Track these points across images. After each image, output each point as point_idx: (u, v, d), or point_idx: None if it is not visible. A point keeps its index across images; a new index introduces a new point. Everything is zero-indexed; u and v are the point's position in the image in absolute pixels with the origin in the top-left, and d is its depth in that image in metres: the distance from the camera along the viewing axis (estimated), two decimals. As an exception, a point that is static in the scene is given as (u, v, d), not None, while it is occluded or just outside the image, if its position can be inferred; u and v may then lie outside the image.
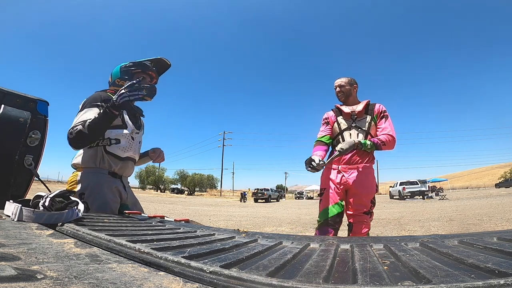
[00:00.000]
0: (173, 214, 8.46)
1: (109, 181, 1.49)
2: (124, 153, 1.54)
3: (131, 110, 1.64)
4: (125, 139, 1.53)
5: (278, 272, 0.46)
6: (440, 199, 17.22)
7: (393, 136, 1.81)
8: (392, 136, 1.80)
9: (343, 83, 1.98)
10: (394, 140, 1.81)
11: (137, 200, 1.71)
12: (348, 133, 1.91)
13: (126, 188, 1.62)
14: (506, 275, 0.37)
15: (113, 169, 1.52)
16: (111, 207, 1.47)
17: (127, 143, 1.54)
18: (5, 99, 1.42)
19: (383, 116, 1.88)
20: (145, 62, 1.66)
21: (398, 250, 0.60)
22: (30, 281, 0.34)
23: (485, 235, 0.71)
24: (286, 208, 14.59)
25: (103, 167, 1.49)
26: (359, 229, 1.76)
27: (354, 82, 1.99)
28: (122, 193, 1.57)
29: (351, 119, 1.92)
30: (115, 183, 1.53)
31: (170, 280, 0.41)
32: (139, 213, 1.45)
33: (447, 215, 7.12)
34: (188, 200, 21.49)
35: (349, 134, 1.91)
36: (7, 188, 1.39)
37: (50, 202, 0.86)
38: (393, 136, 1.81)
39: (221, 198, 30.78)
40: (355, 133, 1.89)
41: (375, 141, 1.77)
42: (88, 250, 0.56)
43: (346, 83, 1.97)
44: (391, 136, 1.80)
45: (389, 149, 1.82)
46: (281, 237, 0.80)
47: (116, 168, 1.53)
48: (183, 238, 0.74)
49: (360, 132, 1.88)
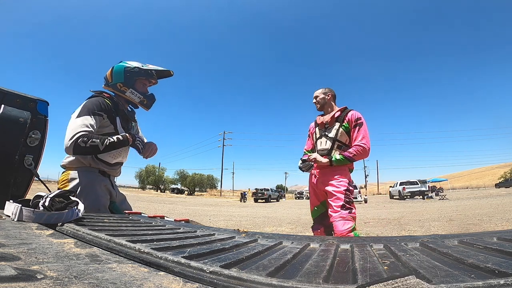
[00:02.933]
0: (173, 214, 8.46)
1: (99, 179, 1.53)
2: (114, 159, 1.58)
3: (124, 116, 1.64)
4: None
5: (278, 272, 0.46)
6: (440, 199, 17.22)
7: (364, 146, 1.90)
8: (362, 147, 1.90)
9: (318, 93, 2.16)
10: (364, 150, 1.90)
11: (125, 198, 1.74)
12: (320, 141, 2.10)
13: (114, 186, 1.65)
14: (506, 275, 0.37)
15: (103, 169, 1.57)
16: (103, 204, 1.51)
17: (117, 151, 1.55)
18: (5, 99, 1.42)
19: (356, 125, 1.96)
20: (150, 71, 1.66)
21: (398, 250, 0.60)
22: (30, 281, 0.34)
23: (485, 235, 0.71)
24: (286, 208, 14.59)
25: (94, 166, 1.53)
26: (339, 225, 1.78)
27: (329, 91, 2.15)
28: (111, 191, 1.61)
29: (324, 128, 2.10)
30: (105, 181, 1.57)
31: (170, 280, 0.41)
32: (139, 213, 1.45)
33: (447, 215, 7.12)
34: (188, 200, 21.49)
35: (320, 142, 2.09)
36: (7, 188, 1.39)
37: (50, 202, 0.86)
38: (363, 146, 1.90)
39: (221, 198, 30.79)
40: (324, 141, 2.06)
41: (345, 155, 1.91)
42: (88, 250, 0.56)
43: (320, 93, 2.15)
44: (361, 147, 1.90)
45: (362, 158, 1.97)
46: (281, 237, 0.80)
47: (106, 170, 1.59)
48: (183, 238, 0.74)
49: (328, 139, 2.03)
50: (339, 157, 1.91)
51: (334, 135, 2.01)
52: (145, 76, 1.64)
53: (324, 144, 2.04)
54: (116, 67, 1.63)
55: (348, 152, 1.91)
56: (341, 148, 1.99)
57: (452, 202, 13.74)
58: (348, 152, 1.92)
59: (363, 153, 1.91)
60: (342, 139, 1.99)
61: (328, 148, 2.02)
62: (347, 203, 1.85)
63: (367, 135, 1.93)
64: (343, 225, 1.77)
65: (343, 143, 1.99)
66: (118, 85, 1.61)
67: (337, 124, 2.01)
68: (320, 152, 2.05)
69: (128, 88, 1.62)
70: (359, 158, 1.92)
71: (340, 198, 1.86)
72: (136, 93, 1.64)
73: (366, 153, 1.91)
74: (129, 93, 1.62)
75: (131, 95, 1.63)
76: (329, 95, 2.13)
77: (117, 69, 1.62)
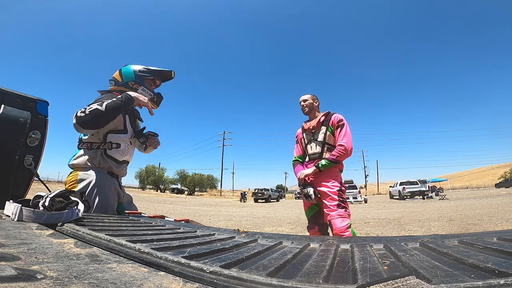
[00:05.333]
0: (173, 214, 8.46)
1: (109, 180, 1.52)
2: (122, 157, 1.59)
3: (132, 114, 1.68)
4: (124, 143, 1.58)
5: (278, 272, 0.46)
6: (440, 199, 17.21)
7: (345, 145, 2.00)
8: (344, 146, 2.00)
9: (307, 97, 2.25)
10: (346, 149, 2.00)
11: (131, 199, 1.74)
12: (310, 146, 2.19)
13: (121, 187, 1.66)
14: (506, 275, 0.37)
15: (112, 169, 1.56)
16: (112, 206, 1.50)
17: (126, 148, 1.59)
18: (5, 99, 1.42)
19: (339, 126, 2.07)
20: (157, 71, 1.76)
21: (398, 250, 0.60)
22: (30, 281, 0.34)
23: (485, 235, 0.71)
24: (286, 208, 14.59)
25: (103, 167, 1.52)
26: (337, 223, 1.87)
27: (316, 98, 2.27)
28: (120, 192, 1.61)
29: (311, 133, 2.19)
30: (114, 182, 1.56)
31: (170, 280, 0.41)
32: (139, 213, 1.45)
33: (447, 215, 7.12)
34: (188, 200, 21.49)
35: (310, 147, 2.18)
36: (7, 188, 1.39)
37: (50, 202, 0.86)
38: (345, 146, 2.00)
39: (221, 198, 30.79)
40: (314, 145, 2.15)
41: (329, 158, 2.01)
42: (88, 250, 0.56)
43: (309, 98, 2.25)
44: (342, 147, 2.00)
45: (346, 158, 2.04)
46: (281, 237, 0.80)
47: (114, 169, 1.57)
48: (183, 238, 0.74)
49: (318, 144, 2.13)
50: (324, 162, 2.01)
51: (322, 139, 2.11)
52: (153, 75, 1.73)
53: (315, 148, 2.15)
54: (124, 69, 1.69)
55: (331, 155, 2.02)
56: (330, 150, 2.08)
57: (452, 202, 13.74)
58: (331, 155, 2.03)
59: (345, 153, 2.00)
60: (330, 141, 2.10)
61: (318, 151, 2.12)
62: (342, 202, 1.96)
63: (348, 135, 2.04)
64: (341, 222, 1.87)
65: (331, 145, 2.10)
66: (130, 83, 1.66)
67: (324, 128, 2.12)
68: (311, 156, 2.16)
69: (140, 86, 1.68)
70: (343, 158, 2.02)
71: (334, 198, 1.96)
72: (147, 91, 1.71)
73: (347, 152, 2.01)
74: (141, 90, 1.68)
75: (143, 93, 1.69)
76: (317, 102, 2.26)
77: (126, 70, 1.68)
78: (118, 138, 1.55)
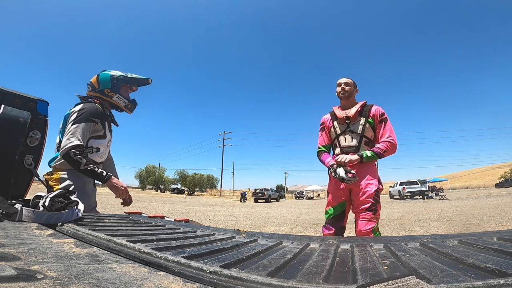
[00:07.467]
0: (173, 214, 8.46)
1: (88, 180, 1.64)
2: (100, 159, 1.71)
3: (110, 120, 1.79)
4: (103, 147, 1.70)
5: (278, 272, 0.46)
6: (440, 199, 17.21)
7: (393, 142, 1.85)
8: (392, 143, 1.85)
9: (348, 81, 2.00)
10: (394, 146, 1.85)
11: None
12: (343, 138, 1.97)
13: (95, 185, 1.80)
14: (506, 275, 0.37)
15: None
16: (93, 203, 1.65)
17: (104, 151, 1.73)
18: (5, 99, 1.42)
19: (382, 120, 1.89)
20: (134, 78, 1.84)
21: (398, 250, 0.60)
22: (30, 281, 0.34)
23: (485, 235, 0.71)
24: (286, 208, 14.59)
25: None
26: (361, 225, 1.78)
27: (356, 85, 2.04)
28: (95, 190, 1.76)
29: (345, 123, 1.96)
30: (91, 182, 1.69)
31: (170, 280, 0.41)
32: (139, 213, 1.45)
33: (447, 215, 7.12)
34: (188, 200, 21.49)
35: (344, 139, 1.96)
36: (7, 188, 1.39)
37: (50, 202, 0.86)
38: (393, 142, 1.85)
39: (221, 198, 30.79)
40: (349, 137, 1.94)
41: (375, 151, 1.84)
42: (88, 250, 0.56)
43: (351, 83, 2.00)
44: (390, 143, 1.84)
45: (390, 154, 1.87)
46: (281, 237, 0.80)
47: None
48: (183, 238, 0.74)
49: (354, 136, 1.93)
50: (370, 153, 1.83)
51: (361, 131, 1.90)
52: (129, 83, 1.82)
53: (350, 141, 1.93)
54: (102, 75, 1.75)
55: (377, 148, 1.84)
56: (368, 145, 1.90)
57: (452, 202, 13.74)
58: (377, 148, 1.84)
59: (392, 149, 1.85)
60: (368, 134, 1.90)
61: (355, 145, 1.91)
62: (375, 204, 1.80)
63: (393, 131, 1.88)
64: (365, 225, 1.76)
65: (369, 139, 1.91)
66: (105, 90, 1.74)
67: (363, 119, 1.91)
68: (345, 149, 1.94)
69: (115, 93, 1.77)
70: (388, 154, 1.86)
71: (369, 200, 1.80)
72: (122, 98, 1.80)
73: (394, 149, 1.86)
74: (116, 98, 1.78)
75: (118, 100, 1.79)
76: (357, 90, 2.02)
77: (103, 77, 1.75)
78: (99, 143, 1.66)
